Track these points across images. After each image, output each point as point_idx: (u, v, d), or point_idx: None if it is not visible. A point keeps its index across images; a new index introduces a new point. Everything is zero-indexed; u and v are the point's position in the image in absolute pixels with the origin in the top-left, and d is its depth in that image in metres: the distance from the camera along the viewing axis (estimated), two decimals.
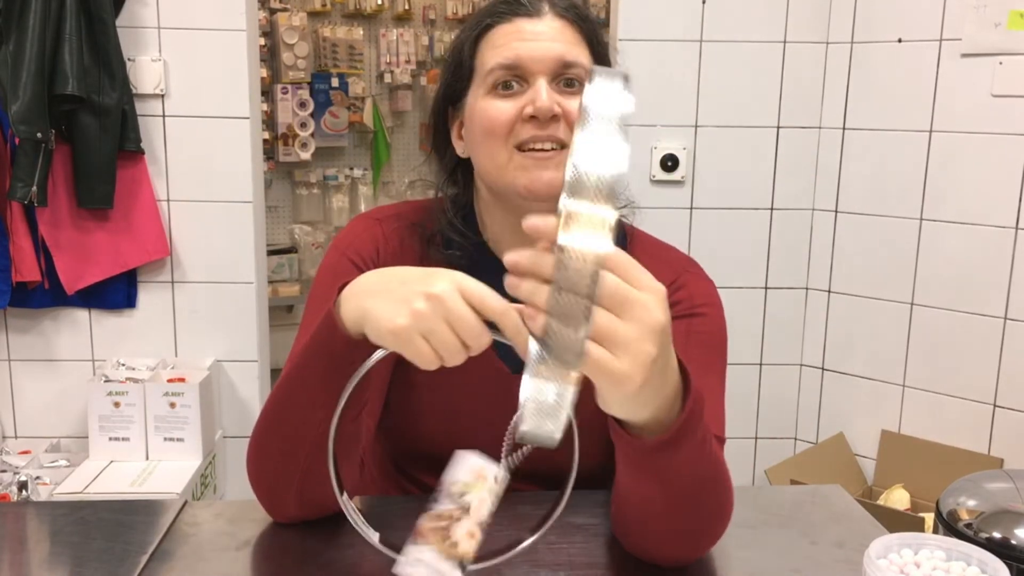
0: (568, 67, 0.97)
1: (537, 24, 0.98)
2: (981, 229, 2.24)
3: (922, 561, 0.79)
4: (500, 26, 1.00)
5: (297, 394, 0.87)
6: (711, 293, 1.06)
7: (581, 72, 0.97)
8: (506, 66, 0.97)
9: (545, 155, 0.95)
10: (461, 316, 0.72)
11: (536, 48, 0.96)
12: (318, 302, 1.02)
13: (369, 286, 0.79)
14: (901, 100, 2.32)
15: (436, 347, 0.72)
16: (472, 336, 0.72)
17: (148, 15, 2.19)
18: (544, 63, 0.96)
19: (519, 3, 1.00)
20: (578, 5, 1.02)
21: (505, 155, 0.97)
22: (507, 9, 1.00)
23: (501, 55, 0.97)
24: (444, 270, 0.75)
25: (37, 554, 0.95)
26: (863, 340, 2.46)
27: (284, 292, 3.79)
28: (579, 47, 0.99)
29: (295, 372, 0.87)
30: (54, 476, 2.10)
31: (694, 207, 2.46)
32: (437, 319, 0.72)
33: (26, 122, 2.00)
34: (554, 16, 0.99)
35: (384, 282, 0.78)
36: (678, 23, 2.36)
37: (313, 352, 0.84)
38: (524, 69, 0.96)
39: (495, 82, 0.97)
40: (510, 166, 0.97)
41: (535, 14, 0.99)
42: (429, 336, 0.72)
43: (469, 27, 1.04)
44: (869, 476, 2.49)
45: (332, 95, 3.90)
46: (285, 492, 0.92)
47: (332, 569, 0.89)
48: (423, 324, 0.72)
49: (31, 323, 2.30)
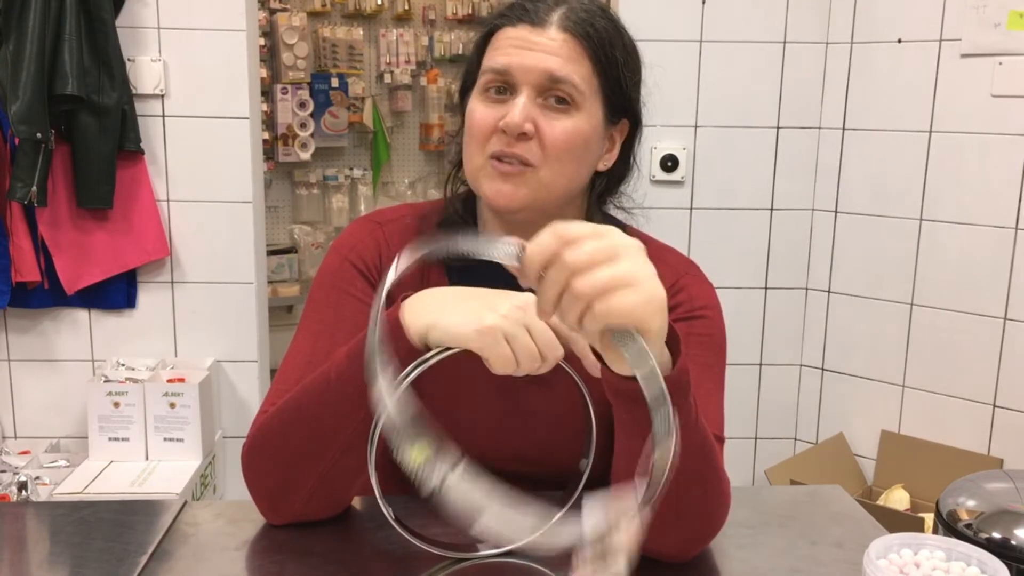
0: (557, 83, 0.95)
1: (539, 34, 0.96)
2: (981, 229, 2.24)
3: (922, 561, 0.79)
4: (507, 29, 0.99)
5: (337, 397, 0.88)
6: (711, 296, 1.06)
7: (571, 90, 0.96)
8: (496, 71, 0.96)
9: (510, 169, 0.96)
10: (541, 327, 0.80)
11: (527, 59, 0.95)
12: (319, 304, 1.02)
13: (441, 299, 0.85)
14: (901, 100, 2.32)
15: (516, 350, 0.79)
16: (549, 347, 0.80)
17: (148, 15, 2.19)
18: (531, 75, 0.95)
19: (525, 9, 0.99)
20: (592, 19, 0.99)
21: (479, 160, 0.98)
22: (517, 13, 0.99)
23: (495, 59, 0.97)
24: (519, 292, 0.82)
25: (37, 554, 0.95)
26: (863, 340, 2.46)
27: (284, 292, 3.79)
28: (577, 63, 0.96)
29: (338, 376, 0.87)
30: (54, 476, 2.10)
31: (694, 207, 2.46)
32: (520, 325, 0.79)
33: (26, 122, 2.00)
34: (559, 29, 0.97)
35: (458, 296, 0.85)
36: (678, 23, 2.36)
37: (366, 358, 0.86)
38: (512, 77, 0.96)
39: (486, 85, 0.98)
40: (481, 173, 0.98)
41: (539, 24, 0.97)
42: (512, 340, 0.79)
43: (483, 24, 1.04)
44: (869, 476, 2.49)
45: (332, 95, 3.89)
46: (295, 492, 0.93)
47: (332, 569, 0.89)
48: (508, 327, 0.79)
49: (31, 323, 2.30)
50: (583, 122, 0.98)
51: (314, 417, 0.89)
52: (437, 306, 0.84)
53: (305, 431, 0.90)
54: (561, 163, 0.97)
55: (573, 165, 0.99)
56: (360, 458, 0.87)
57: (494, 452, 1.07)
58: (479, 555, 0.91)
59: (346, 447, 0.89)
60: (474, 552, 0.91)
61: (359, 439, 0.87)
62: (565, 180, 0.99)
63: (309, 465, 0.91)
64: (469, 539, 0.93)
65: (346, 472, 0.92)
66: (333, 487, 0.93)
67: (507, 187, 0.96)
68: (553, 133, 0.95)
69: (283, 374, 0.98)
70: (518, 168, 0.96)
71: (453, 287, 0.89)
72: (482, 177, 0.98)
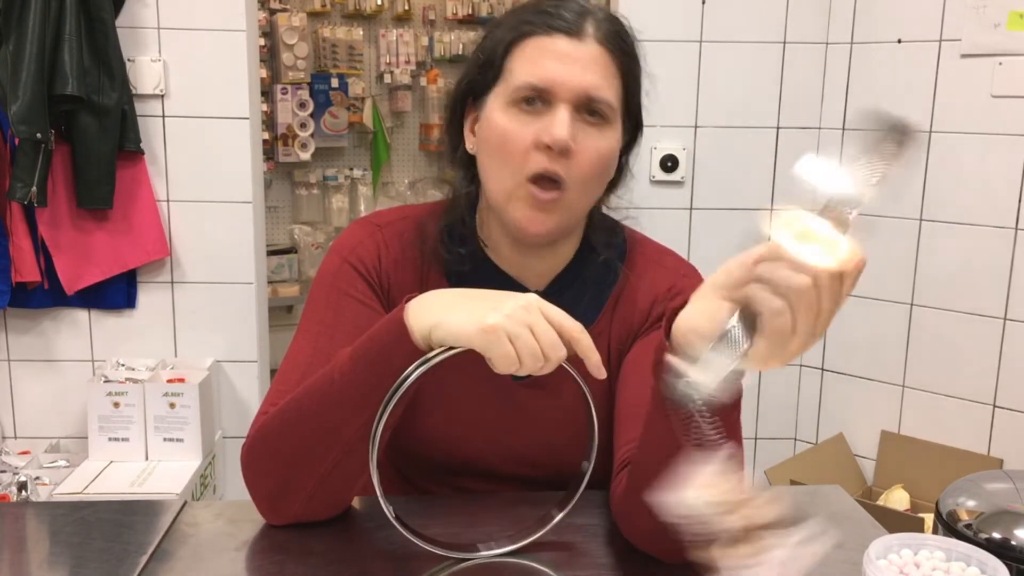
0: (594, 101, 0.94)
1: (577, 46, 0.94)
2: (981, 229, 2.24)
3: (922, 561, 0.79)
4: (538, 37, 0.95)
5: (340, 398, 0.88)
6: None
7: (606, 108, 0.95)
8: (535, 87, 0.94)
9: (550, 196, 0.94)
10: (545, 327, 0.80)
11: (568, 74, 0.93)
12: (319, 305, 1.02)
13: (445, 301, 0.85)
14: (901, 100, 2.32)
15: (519, 350, 0.79)
16: (552, 346, 0.80)
17: (148, 15, 2.19)
18: (573, 91, 0.93)
19: (562, 18, 0.95)
20: (621, 33, 0.98)
21: (513, 183, 0.95)
22: (549, 21, 0.95)
23: (531, 72, 0.94)
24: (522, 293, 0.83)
25: (37, 554, 0.95)
26: (863, 340, 2.46)
27: (284, 292, 3.79)
28: (612, 80, 0.95)
29: (342, 377, 0.87)
30: (54, 476, 2.10)
31: (694, 207, 2.46)
32: (523, 325, 0.79)
33: (26, 122, 2.00)
34: (595, 41, 0.95)
35: (461, 297, 0.85)
36: (678, 23, 2.36)
37: (372, 358, 0.86)
38: (551, 94, 0.93)
39: (519, 98, 0.95)
40: (515, 196, 0.96)
41: (576, 34, 0.94)
42: (515, 339, 0.79)
43: (509, 26, 0.99)
44: (869, 476, 2.49)
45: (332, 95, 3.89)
46: (295, 492, 0.93)
47: (332, 568, 0.89)
48: (512, 326, 0.79)
49: (31, 323, 2.30)
50: (613, 139, 0.97)
51: (316, 418, 0.89)
52: (441, 306, 0.84)
53: (307, 432, 0.90)
54: (590, 183, 0.97)
55: (598, 185, 0.99)
56: (361, 459, 0.87)
57: (495, 453, 1.07)
58: (480, 555, 0.91)
59: (348, 448, 0.89)
60: (475, 552, 0.91)
61: (361, 440, 0.87)
62: (589, 201, 1.00)
63: (310, 466, 0.91)
64: (469, 539, 0.93)
65: (347, 473, 0.92)
66: (334, 488, 0.93)
67: (542, 216, 0.95)
68: (588, 152, 0.94)
69: (283, 375, 0.98)
70: (555, 195, 0.94)
71: (456, 289, 0.89)
72: (515, 201, 0.96)
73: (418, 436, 1.06)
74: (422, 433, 1.06)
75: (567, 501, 0.94)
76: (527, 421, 1.05)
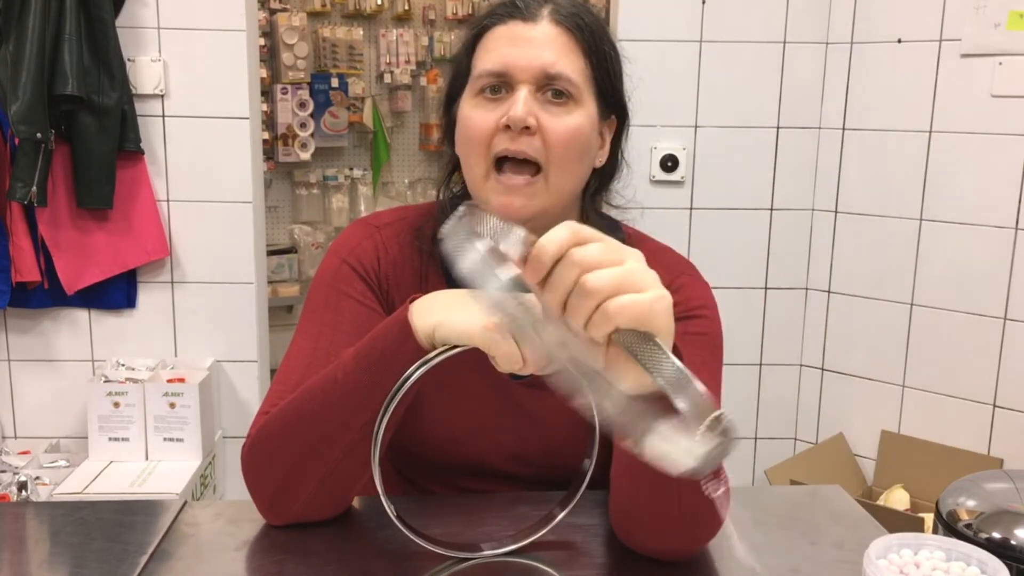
0: (553, 79, 0.95)
1: (531, 29, 0.96)
2: (981, 229, 2.24)
3: (922, 561, 0.79)
4: (496, 28, 0.98)
5: (343, 398, 0.88)
6: (707, 296, 1.06)
7: (568, 84, 0.95)
8: (492, 72, 0.95)
9: (518, 181, 0.95)
10: None
11: (523, 55, 0.95)
12: (318, 306, 1.02)
13: (449, 300, 0.85)
14: (901, 100, 2.32)
15: (522, 348, 0.79)
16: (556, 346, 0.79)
17: (148, 15, 2.19)
18: (529, 72, 0.94)
19: (515, 6, 0.98)
20: (581, 13, 0.99)
21: (482, 169, 0.96)
22: (504, 11, 0.98)
23: (489, 60, 0.96)
24: None
25: (37, 554, 0.95)
26: (863, 340, 2.46)
27: (284, 292, 3.79)
28: (572, 57, 0.96)
29: (345, 377, 0.87)
30: (54, 476, 2.10)
31: (694, 207, 2.46)
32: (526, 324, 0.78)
33: (26, 122, 2.00)
34: (550, 22, 0.96)
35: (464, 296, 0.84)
36: (678, 23, 2.36)
37: (375, 358, 0.86)
38: (509, 76, 0.95)
39: (481, 87, 0.97)
40: (486, 184, 0.97)
41: (530, 18, 0.97)
42: (518, 338, 0.78)
43: (472, 24, 1.03)
44: (869, 476, 2.49)
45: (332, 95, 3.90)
46: (296, 493, 0.93)
47: (332, 568, 0.89)
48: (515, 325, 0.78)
49: (31, 323, 2.30)
50: (582, 117, 0.97)
51: (318, 418, 0.89)
52: (444, 306, 0.84)
53: (308, 432, 0.90)
54: (566, 162, 0.96)
55: (577, 163, 0.99)
56: (362, 460, 0.87)
57: (496, 453, 1.07)
58: (481, 555, 0.91)
59: (349, 449, 0.89)
60: (476, 552, 0.91)
61: (362, 441, 0.87)
62: (570, 181, 0.99)
63: (311, 466, 0.91)
64: (471, 539, 0.93)
65: (348, 474, 0.92)
66: (334, 488, 0.93)
67: (518, 200, 0.95)
68: (556, 129, 0.95)
69: (283, 375, 0.98)
70: (526, 179, 0.95)
71: (460, 289, 0.88)
72: (487, 189, 0.97)
73: (419, 436, 1.06)
74: (423, 433, 1.06)
75: (568, 500, 0.94)
76: (528, 421, 1.05)
